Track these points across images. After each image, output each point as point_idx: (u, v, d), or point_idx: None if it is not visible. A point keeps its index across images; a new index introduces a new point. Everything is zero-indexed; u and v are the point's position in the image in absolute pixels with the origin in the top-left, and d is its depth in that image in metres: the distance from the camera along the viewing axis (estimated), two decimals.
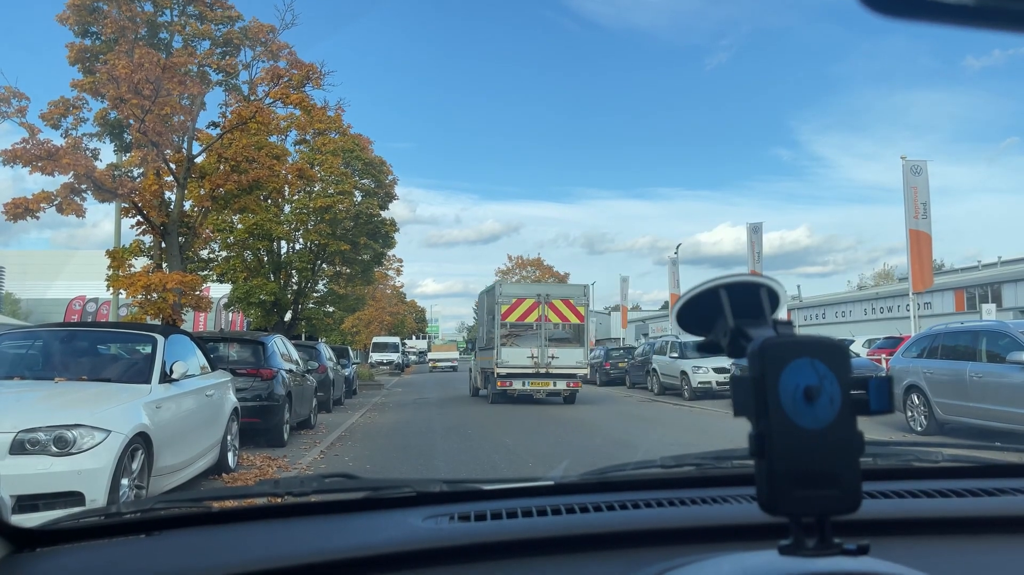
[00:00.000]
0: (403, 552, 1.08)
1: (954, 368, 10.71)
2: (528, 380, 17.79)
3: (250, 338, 11.57)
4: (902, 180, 19.91)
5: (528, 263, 73.67)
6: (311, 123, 18.98)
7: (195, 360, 7.56)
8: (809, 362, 0.70)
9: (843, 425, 0.70)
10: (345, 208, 21.98)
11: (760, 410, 0.69)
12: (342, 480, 1.40)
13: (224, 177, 13.68)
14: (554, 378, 17.83)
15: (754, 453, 0.69)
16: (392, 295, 54.13)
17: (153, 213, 13.13)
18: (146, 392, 6.20)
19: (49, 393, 5.84)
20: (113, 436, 5.22)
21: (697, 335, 0.88)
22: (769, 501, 0.69)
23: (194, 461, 6.90)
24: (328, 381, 16.01)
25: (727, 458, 1.43)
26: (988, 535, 1.17)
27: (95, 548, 1.16)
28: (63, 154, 11.79)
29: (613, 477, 1.40)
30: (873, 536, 1.02)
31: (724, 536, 1.10)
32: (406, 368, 50.19)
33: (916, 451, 1.52)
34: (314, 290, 24.38)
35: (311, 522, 1.23)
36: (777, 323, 0.81)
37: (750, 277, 0.84)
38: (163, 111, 12.08)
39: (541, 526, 1.16)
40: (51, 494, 4.81)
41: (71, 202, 12.10)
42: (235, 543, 1.15)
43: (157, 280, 12.35)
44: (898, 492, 1.26)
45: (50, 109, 12.76)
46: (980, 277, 38.28)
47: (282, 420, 10.39)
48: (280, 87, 14.48)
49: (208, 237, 17.65)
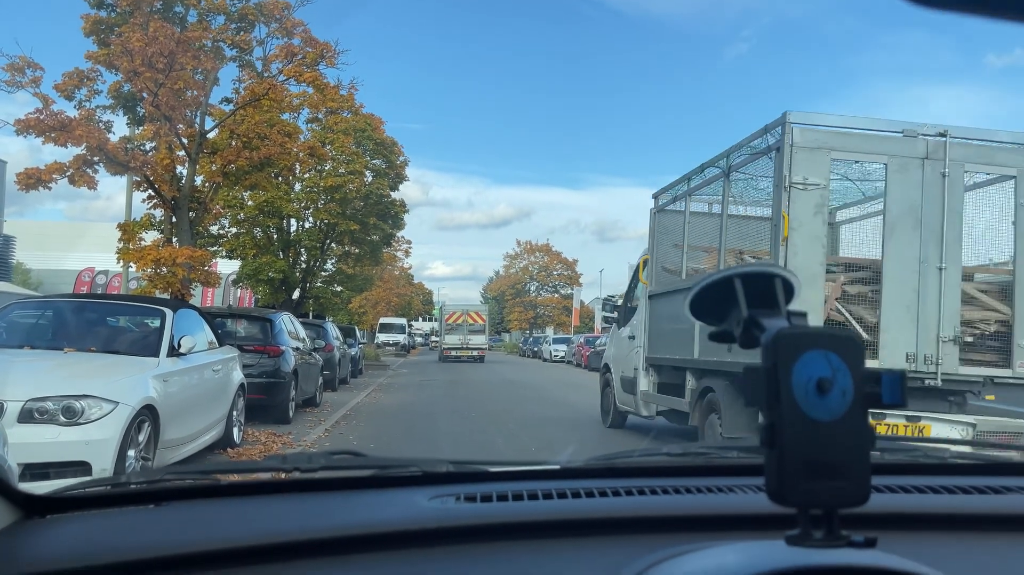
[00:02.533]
0: (409, 530, 1.09)
1: None
2: (456, 351, 35.59)
3: (258, 315, 11.62)
4: None
5: (536, 248, 73.69)
6: (324, 102, 18.92)
7: (203, 335, 7.60)
8: (823, 354, 0.70)
9: (855, 418, 0.70)
10: (355, 188, 21.98)
11: (772, 401, 0.69)
12: (349, 458, 1.41)
13: (236, 153, 13.69)
14: (470, 350, 35.55)
15: (765, 443, 0.69)
16: (400, 276, 54.22)
17: (164, 187, 13.16)
18: (154, 365, 6.24)
19: (58, 363, 5.89)
20: (121, 407, 5.26)
21: (711, 324, 0.88)
22: (778, 491, 0.69)
23: (200, 435, 6.96)
24: (334, 360, 16.07)
25: (733, 448, 1.44)
26: (995, 532, 1.17)
27: (104, 516, 1.18)
28: (76, 126, 11.81)
29: (619, 463, 1.40)
30: (880, 530, 1.02)
31: (730, 525, 1.11)
32: (412, 349, 50.32)
33: (924, 447, 1.52)
34: (322, 269, 24.45)
35: (318, 498, 1.24)
36: (791, 314, 0.81)
37: (765, 267, 0.83)
38: (176, 85, 12.08)
39: (546, 509, 1.17)
40: (59, 463, 4.87)
41: (83, 174, 12.14)
42: (242, 516, 1.16)
43: (167, 254, 12.40)
44: (905, 487, 1.26)
45: (64, 80, 12.77)
46: None
47: (288, 397, 10.45)
48: (294, 65, 14.46)
49: (218, 213, 17.67)
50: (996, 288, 6.68)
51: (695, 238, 8.28)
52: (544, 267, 73.10)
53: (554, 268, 72.86)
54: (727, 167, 7.31)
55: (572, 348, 38.41)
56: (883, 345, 6.22)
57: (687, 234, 8.29)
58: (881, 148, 6.41)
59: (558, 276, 72.55)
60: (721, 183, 7.48)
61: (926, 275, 6.29)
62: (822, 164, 6.21)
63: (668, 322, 8.32)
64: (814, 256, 6.17)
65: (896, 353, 6.20)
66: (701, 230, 8.23)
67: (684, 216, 8.41)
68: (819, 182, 6.16)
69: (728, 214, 7.37)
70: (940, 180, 6.30)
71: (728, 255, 7.30)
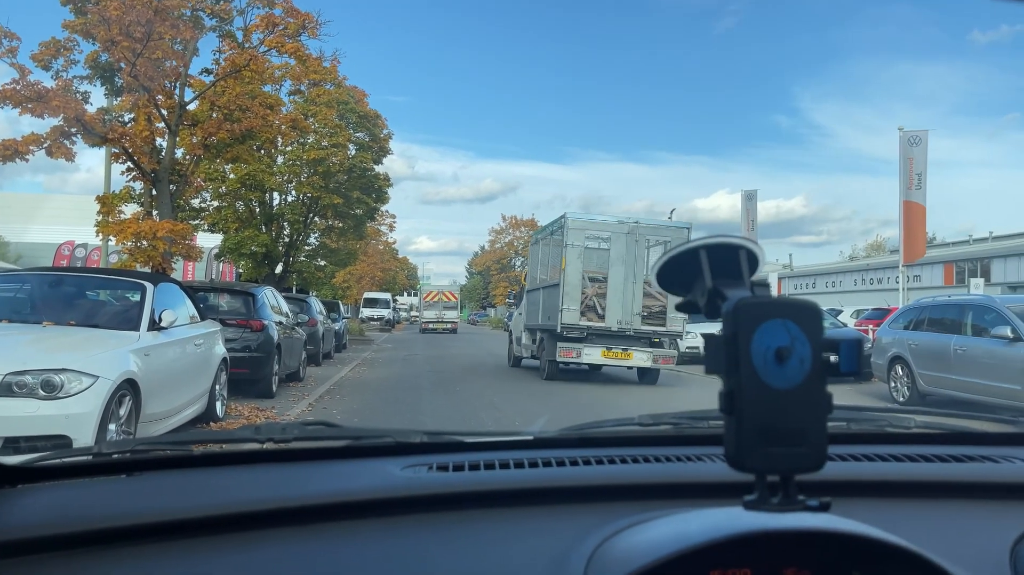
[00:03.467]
0: (380, 499, 1.10)
1: (939, 340, 10.82)
2: (433, 324, 40.55)
3: (240, 289, 11.55)
4: (898, 151, 19.85)
5: (522, 223, 73.47)
6: (306, 73, 18.71)
7: (184, 309, 7.56)
8: (782, 323, 0.71)
9: (813, 386, 0.71)
10: (338, 161, 21.79)
11: (731, 368, 0.70)
12: (323, 428, 1.42)
13: (216, 125, 13.52)
14: (444, 322, 40.65)
15: (723, 410, 0.71)
16: (384, 251, 53.97)
17: (144, 159, 12.98)
18: (134, 339, 6.20)
19: (37, 337, 5.84)
20: (101, 381, 5.24)
21: (677, 295, 0.89)
22: (736, 457, 0.70)
23: (182, 409, 6.95)
24: (318, 334, 16.04)
25: (704, 418, 1.46)
26: (951, 499, 1.20)
27: (75, 486, 1.18)
28: (53, 96, 11.60)
29: (591, 433, 1.42)
30: (840, 496, 1.04)
31: (697, 492, 1.13)
32: (397, 324, 50.25)
33: (890, 417, 1.55)
34: (306, 243, 24.30)
35: (291, 468, 1.25)
36: (755, 285, 0.82)
37: (730, 238, 0.84)
38: (155, 55, 11.88)
39: (518, 478, 1.18)
40: (38, 437, 4.86)
41: (60, 145, 11.94)
42: (215, 486, 1.16)
43: (147, 227, 12.27)
44: (868, 456, 1.29)
45: (41, 50, 12.50)
46: (970, 251, 38.49)
47: (271, 371, 10.44)
48: (275, 35, 14.24)
49: (200, 186, 17.49)
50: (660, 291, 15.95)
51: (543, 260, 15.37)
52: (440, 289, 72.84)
53: None
54: (550, 231, 14.97)
55: None
56: (608, 316, 13.03)
57: (539, 257, 15.73)
58: (608, 229, 13.51)
59: None
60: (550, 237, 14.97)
61: (627, 284, 13.08)
62: (580, 236, 13.30)
63: (531, 305, 15.65)
64: (577, 274, 13.15)
65: (613, 319, 13.03)
66: (545, 256, 15.15)
67: (539, 248, 15.92)
68: (579, 243, 13.25)
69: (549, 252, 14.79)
70: (635, 243, 13.22)
71: (552, 270, 14.17)
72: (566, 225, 13.23)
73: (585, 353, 13.02)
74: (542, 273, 15.03)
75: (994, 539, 1.03)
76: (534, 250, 16.57)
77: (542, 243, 15.49)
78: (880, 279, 40.19)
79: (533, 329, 15.13)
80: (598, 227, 13.55)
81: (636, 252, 13.01)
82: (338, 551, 0.98)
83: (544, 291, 14.28)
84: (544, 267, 14.96)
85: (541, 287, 14.64)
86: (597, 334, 13.01)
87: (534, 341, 15.06)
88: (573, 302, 12.98)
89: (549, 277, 14.21)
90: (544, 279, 14.64)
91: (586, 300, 13.04)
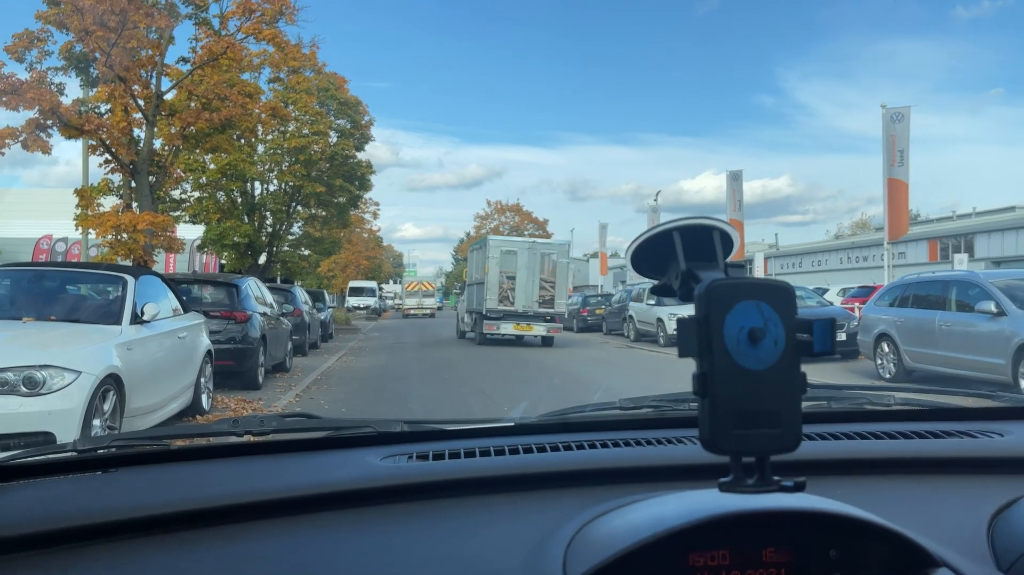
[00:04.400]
0: (360, 490, 1.09)
1: (924, 317, 10.92)
2: (414, 310, 44.84)
3: (223, 280, 11.47)
4: (881, 128, 19.92)
5: (507, 208, 73.38)
6: (285, 60, 18.45)
7: (167, 302, 7.50)
8: (755, 304, 0.70)
9: (786, 366, 0.71)
10: (320, 149, 21.62)
11: (704, 350, 0.69)
12: (302, 419, 1.41)
13: (195, 115, 13.33)
14: (424, 309, 45.03)
15: (697, 393, 0.70)
16: (369, 239, 53.76)
17: (122, 151, 12.80)
18: (117, 333, 6.14)
19: (17, 333, 5.78)
20: (84, 377, 5.19)
21: (651, 278, 0.88)
22: (711, 439, 0.70)
23: (167, 403, 6.91)
24: (304, 324, 15.98)
25: (685, 400, 1.46)
26: (929, 475, 1.20)
27: (53, 483, 1.16)
28: (27, 88, 11.39)
29: (572, 418, 1.42)
30: (818, 475, 1.04)
31: (676, 475, 1.13)
32: (383, 313, 50.16)
33: (870, 395, 1.55)
34: (289, 232, 24.13)
35: (269, 460, 1.24)
36: (729, 266, 0.81)
37: (703, 220, 0.83)
38: (130, 44, 11.69)
39: (499, 465, 1.18)
40: (21, 434, 4.81)
41: (36, 138, 11.75)
42: (191, 480, 1.15)
43: (127, 220, 12.12)
44: (847, 434, 1.29)
45: (14, 42, 12.26)
46: (954, 227, 38.77)
47: (257, 363, 10.39)
48: (252, 22, 14.04)
49: (180, 177, 17.25)
50: (550, 283, 19.56)
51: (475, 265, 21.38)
52: (515, 227, 72.92)
53: (525, 228, 72.73)
54: (480, 246, 21.05)
55: None
56: (516, 303, 19.06)
57: (473, 263, 21.92)
58: (515, 246, 20.03)
59: (529, 236, 72.56)
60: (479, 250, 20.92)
61: (529, 281, 19.31)
62: (497, 250, 19.56)
63: (468, 295, 22.10)
64: (496, 274, 19.14)
65: (520, 304, 19.10)
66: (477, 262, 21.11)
67: (473, 256, 22.09)
68: (497, 255, 19.37)
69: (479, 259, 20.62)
70: (533, 255, 19.58)
71: (481, 272, 19.70)
72: (488, 243, 20.15)
73: (502, 327, 19.38)
74: (475, 273, 21.22)
75: (971, 514, 1.03)
76: (471, 257, 23.10)
77: (475, 253, 22.11)
78: (865, 257, 40.44)
79: (470, 311, 21.58)
80: (509, 244, 20.44)
81: (534, 260, 19.57)
82: (317, 542, 0.98)
83: (476, 286, 20.61)
84: (476, 270, 21.15)
85: (475, 283, 21.02)
86: (510, 314, 19.33)
87: (471, 319, 21.32)
88: (494, 294, 19.26)
89: (479, 276, 20.27)
90: (477, 278, 20.77)
91: (502, 292, 19.34)
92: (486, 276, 19.32)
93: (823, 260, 46.09)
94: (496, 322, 19.22)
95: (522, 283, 19.30)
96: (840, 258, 44.29)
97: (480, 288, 19.87)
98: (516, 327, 19.13)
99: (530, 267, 19.44)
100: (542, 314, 19.32)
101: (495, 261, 19.39)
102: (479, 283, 20.10)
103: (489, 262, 19.38)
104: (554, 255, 19.87)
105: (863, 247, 41.81)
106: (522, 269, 19.37)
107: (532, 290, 19.36)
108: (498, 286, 19.20)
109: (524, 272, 19.36)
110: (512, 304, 19.21)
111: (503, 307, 19.21)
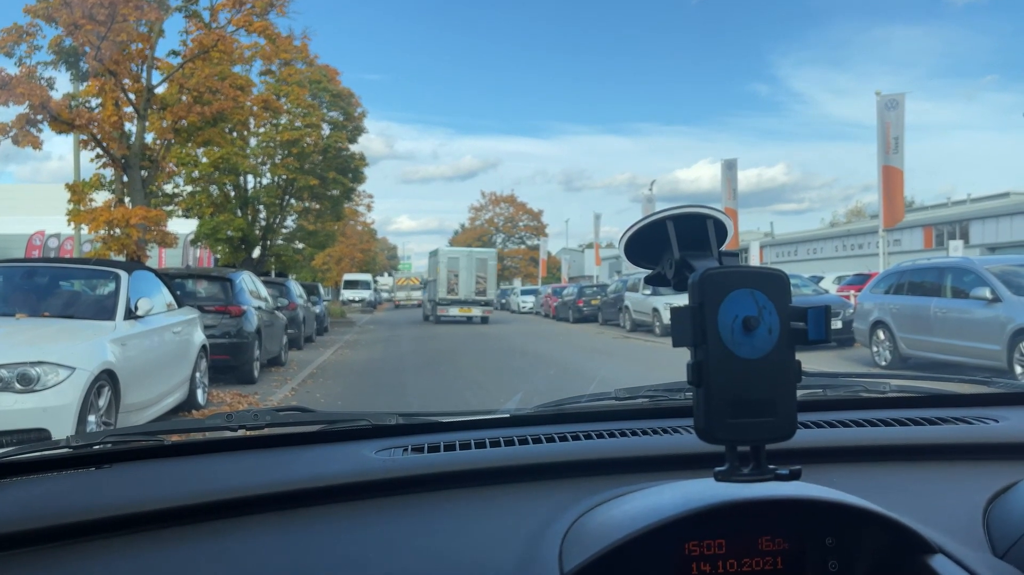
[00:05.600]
0: (354, 483, 1.09)
1: (919, 304, 10.95)
2: (403, 302, 48.27)
3: (218, 275, 11.43)
4: (876, 115, 19.89)
5: (502, 199, 73.29)
6: (276, 53, 18.36)
7: (161, 297, 7.47)
8: (749, 293, 0.70)
9: (781, 355, 0.70)
10: (313, 141, 21.54)
11: (698, 340, 0.69)
12: (296, 414, 1.40)
13: (186, 108, 13.27)
14: (412, 300, 47.23)
15: (692, 382, 0.70)
16: (363, 232, 53.70)
17: (113, 145, 12.74)
18: (111, 329, 6.13)
19: (11, 330, 5.75)
20: (78, 373, 5.17)
21: (645, 267, 0.88)
22: (706, 429, 0.70)
23: (163, 398, 6.89)
24: (298, 318, 15.94)
25: (680, 389, 1.45)
26: (925, 462, 1.20)
27: (46, 480, 1.16)
28: (17, 83, 11.32)
29: (567, 409, 1.42)
30: (814, 463, 1.04)
31: (672, 465, 1.13)
32: (378, 306, 50.16)
33: (865, 382, 1.55)
34: (283, 226, 24.08)
35: (264, 454, 1.23)
36: (723, 255, 0.81)
37: (697, 208, 0.83)
38: (120, 38, 11.62)
39: (493, 457, 1.18)
40: (16, 431, 4.79)
41: (27, 133, 11.69)
42: (186, 475, 1.15)
43: (119, 215, 12.07)
44: (843, 422, 1.29)
45: (3, 37, 12.17)
46: (949, 214, 38.86)
47: (252, 357, 10.37)
48: (243, 14, 13.97)
49: (172, 171, 17.20)
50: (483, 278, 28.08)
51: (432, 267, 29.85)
52: (510, 218, 72.91)
53: (520, 219, 72.70)
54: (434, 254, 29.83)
55: (540, 299, 38.56)
56: (460, 293, 27.56)
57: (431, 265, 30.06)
58: (459, 254, 28.82)
59: (524, 227, 72.49)
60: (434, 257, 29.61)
61: (468, 278, 27.72)
62: (446, 257, 28.20)
63: (428, 288, 31.45)
64: (445, 273, 27.57)
65: (463, 294, 27.56)
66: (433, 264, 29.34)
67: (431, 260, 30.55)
68: (445, 261, 27.92)
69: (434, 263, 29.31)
70: (472, 259, 28.28)
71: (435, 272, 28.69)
72: (439, 253, 28.30)
73: (451, 310, 27.25)
74: (432, 274, 29.39)
75: (967, 500, 1.03)
76: (429, 262, 31.25)
77: (431, 259, 29.94)
78: (861, 244, 40.52)
79: (430, 300, 29.23)
80: (454, 252, 28.67)
81: (471, 263, 27.58)
82: (312, 536, 0.97)
83: (432, 283, 28.96)
84: (432, 272, 29.41)
85: (432, 280, 29.14)
86: (456, 301, 27.25)
87: (431, 306, 28.79)
88: (444, 287, 27.20)
89: (434, 275, 28.41)
90: (433, 276, 28.75)
91: (450, 285, 27.18)
92: (438, 275, 27.43)
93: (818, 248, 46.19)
94: (447, 307, 27.26)
95: (464, 279, 27.30)
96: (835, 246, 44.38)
97: (435, 284, 28.02)
98: (460, 310, 27.14)
99: (468, 268, 27.53)
100: (479, 300, 27.61)
101: (444, 265, 27.43)
102: (434, 280, 28.36)
103: (440, 266, 27.52)
104: (486, 259, 28.41)
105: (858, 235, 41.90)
106: (463, 270, 27.44)
107: (471, 284, 27.46)
108: (447, 282, 27.16)
109: (464, 272, 27.41)
110: (457, 294, 27.43)
111: (451, 296, 27.30)
